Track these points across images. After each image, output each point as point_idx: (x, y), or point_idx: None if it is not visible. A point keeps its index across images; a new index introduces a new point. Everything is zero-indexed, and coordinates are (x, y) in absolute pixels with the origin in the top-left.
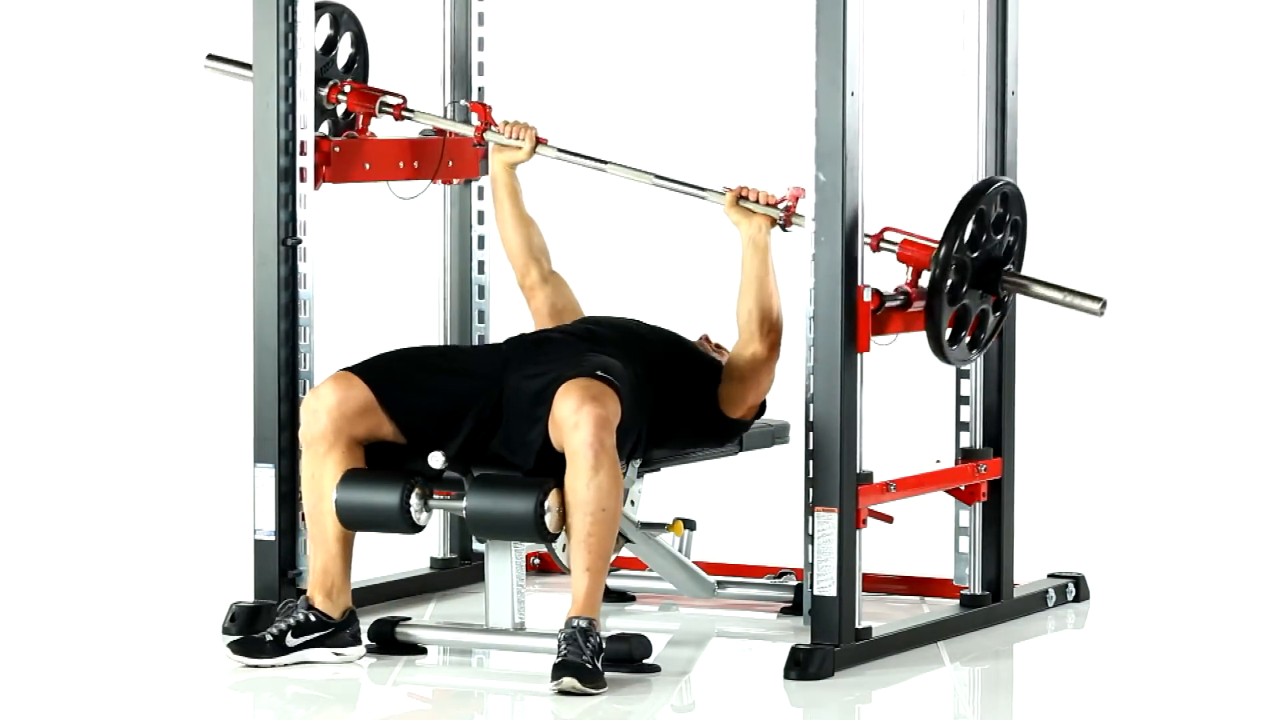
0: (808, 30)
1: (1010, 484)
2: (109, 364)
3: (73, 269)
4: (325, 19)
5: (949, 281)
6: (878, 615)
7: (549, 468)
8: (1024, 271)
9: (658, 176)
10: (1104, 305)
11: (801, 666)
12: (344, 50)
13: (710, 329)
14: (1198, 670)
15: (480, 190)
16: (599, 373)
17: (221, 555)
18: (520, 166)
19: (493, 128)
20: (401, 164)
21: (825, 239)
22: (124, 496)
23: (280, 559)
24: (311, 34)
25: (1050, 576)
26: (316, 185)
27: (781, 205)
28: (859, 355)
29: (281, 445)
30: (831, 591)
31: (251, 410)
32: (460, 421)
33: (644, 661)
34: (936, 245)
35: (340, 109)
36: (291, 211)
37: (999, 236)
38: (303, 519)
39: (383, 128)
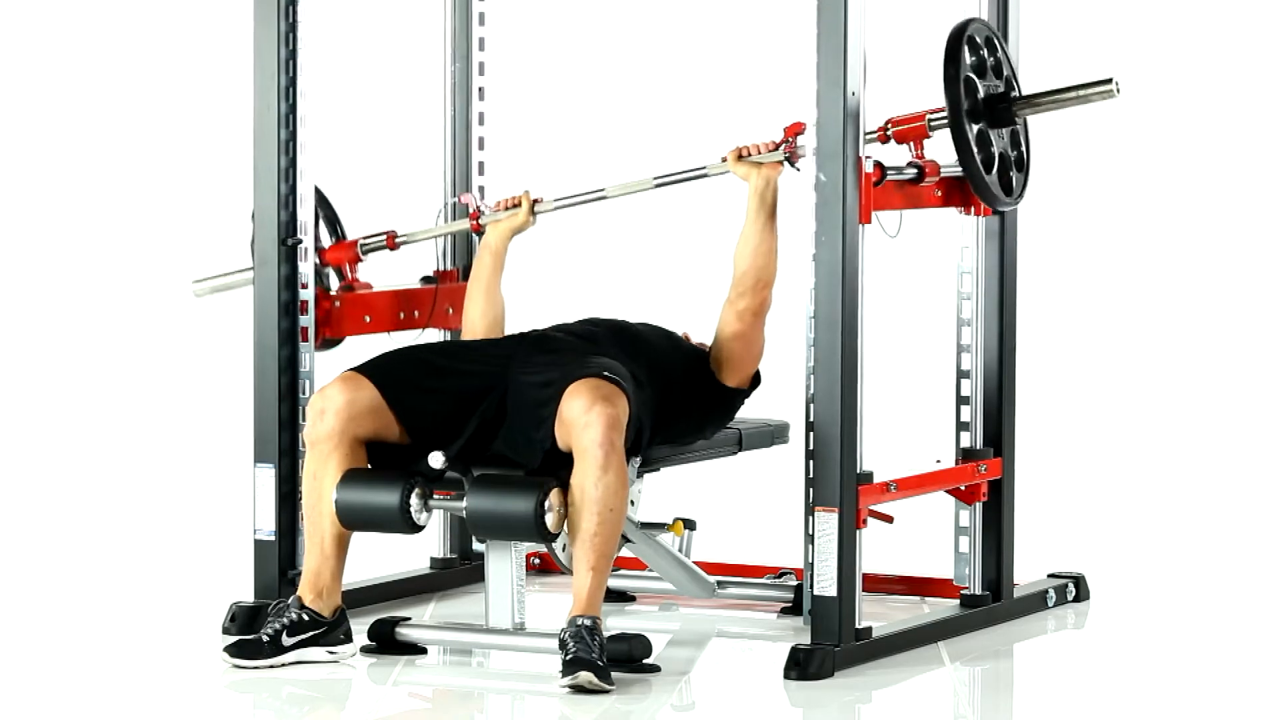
0: (808, 30)
1: (1010, 484)
2: (109, 364)
3: (73, 269)
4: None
5: (972, 134)
6: (878, 615)
7: (553, 467)
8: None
9: (656, 179)
10: (1116, 84)
11: (801, 666)
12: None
13: (693, 328)
14: (1198, 670)
15: (480, 190)
16: (606, 373)
17: (221, 555)
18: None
19: (485, 213)
20: (402, 314)
21: (825, 239)
22: (125, 497)
23: (280, 559)
24: (313, 37)
25: (1050, 576)
26: (318, 344)
27: (783, 146)
28: (861, 226)
29: (281, 445)
30: (831, 591)
31: (251, 410)
32: (464, 421)
33: (644, 661)
34: (925, 115)
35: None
36: (292, 212)
37: (991, 72)
38: (302, 518)
39: (383, 265)
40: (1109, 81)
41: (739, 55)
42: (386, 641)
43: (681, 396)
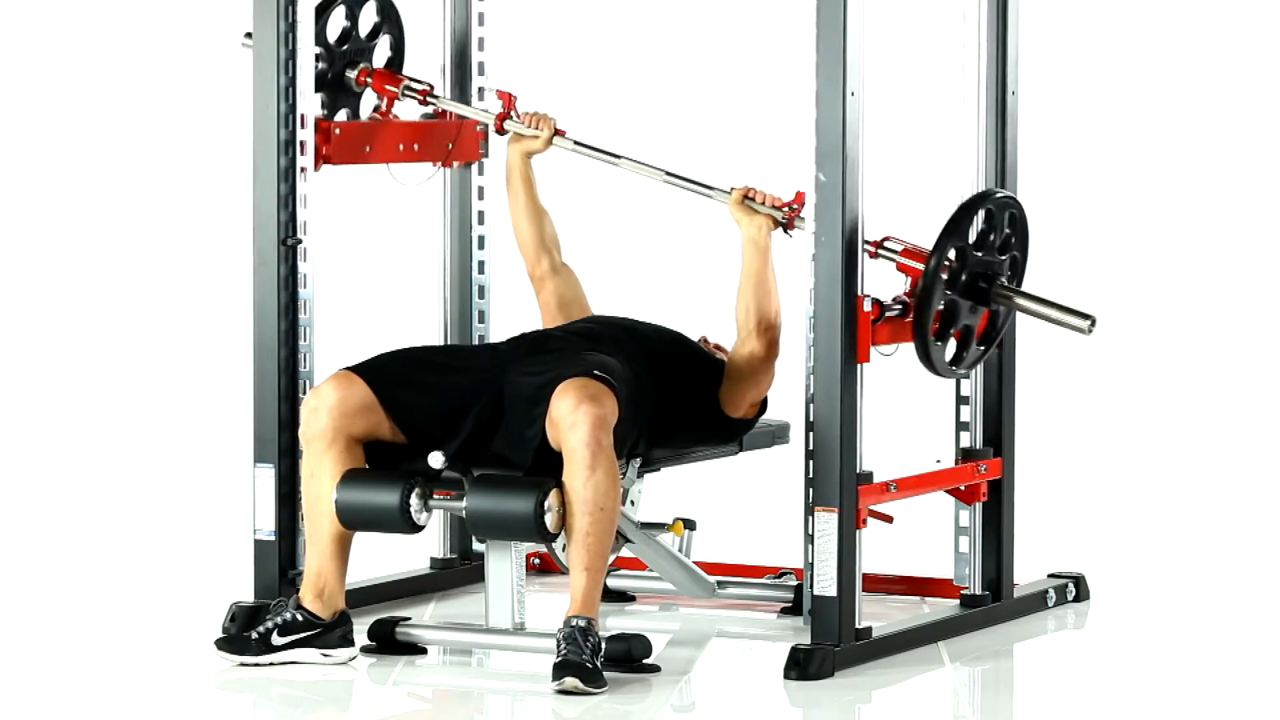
0: (808, 30)
1: (1010, 484)
2: (110, 364)
3: (73, 269)
4: (372, 6)
5: (936, 291)
6: (878, 615)
7: (547, 467)
8: (1021, 287)
9: (668, 173)
10: (1092, 324)
11: (801, 666)
12: (384, 43)
13: (710, 329)
14: (1198, 670)
15: (480, 190)
16: (596, 372)
17: (221, 555)
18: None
19: (513, 116)
20: (401, 146)
21: (825, 239)
22: (124, 496)
23: (280, 559)
24: (312, 9)
25: (1050, 576)
26: (317, 166)
27: (785, 208)
28: (859, 365)
29: (281, 445)
30: (831, 591)
31: (251, 410)
32: (461, 421)
33: (644, 661)
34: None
35: (367, 92)
36: (292, 212)
37: (996, 248)
38: (302, 518)
39: (408, 115)
40: (1089, 318)
41: (739, 55)
42: (386, 641)
43: (682, 406)
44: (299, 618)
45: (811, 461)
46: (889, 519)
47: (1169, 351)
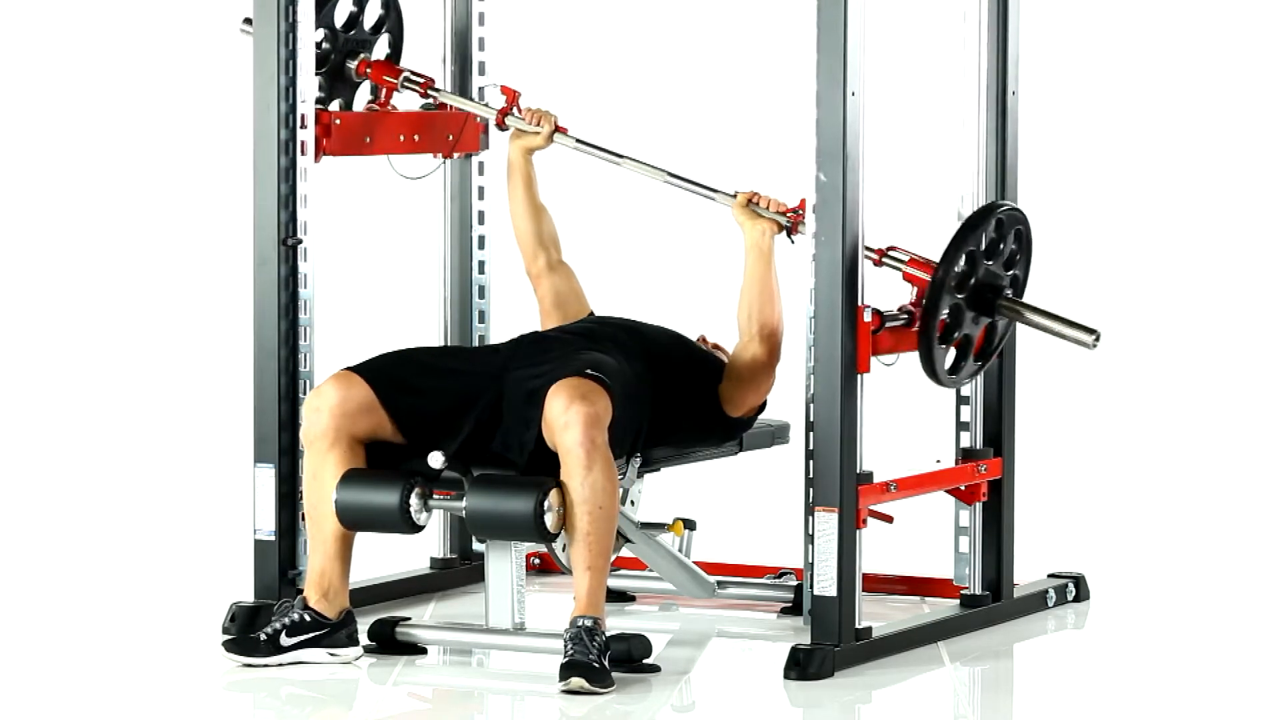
0: (809, 30)
1: (1010, 484)
2: (110, 364)
3: (73, 269)
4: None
5: (945, 294)
6: (878, 615)
7: (544, 468)
8: (1023, 299)
9: (670, 174)
10: (1097, 338)
11: (801, 666)
12: (384, 40)
13: (710, 328)
14: (1198, 670)
15: (480, 190)
16: (589, 371)
17: (221, 555)
18: (535, 154)
19: (515, 112)
20: (402, 137)
21: (825, 239)
22: (124, 496)
23: (280, 559)
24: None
25: (1050, 576)
26: (317, 158)
27: (790, 213)
28: (859, 374)
29: (281, 445)
30: (831, 591)
31: (251, 410)
32: (461, 421)
33: (644, 661)
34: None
35: (366, 83)
36: (292, 212)
37: (1002, 261)
38: (303, 518)
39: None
40: (1093, 332)
41: (739, 55)
42: (386, 641)
43: (683, 405)
44: (307, 618)
45: (811, 461)
46: (889, 519)
47: (1169, 351)
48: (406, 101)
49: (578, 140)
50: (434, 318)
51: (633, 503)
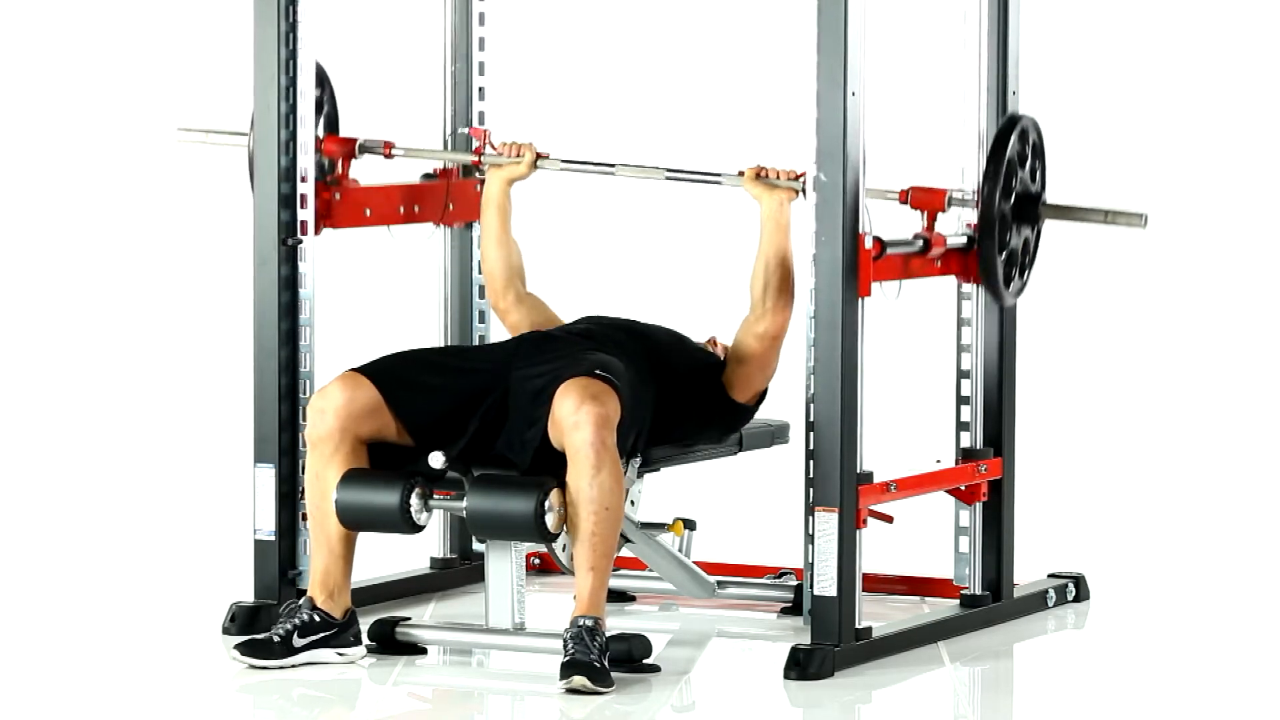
0: (809, 30)
1: (1010, 484)
2: (110, 365)
3: (73, 270)
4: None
5: (1000, 220)
6: (878, 615)
7: (546, 467)
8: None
9: (669, 171)
10: (1146, 219)
11: (801, 666)
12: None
13: (709, 330)
14: (1198, 670)
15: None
16: (598, 371)
17: (221, 555)
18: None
19: (490, 150)
20: (402, 209)
21: (825, 239)
22: (124, 497)
23: (280, 559)
24: (314, 37)
25: (1050, 576)
26: (318, 230)
27: (801, 178)
28: (860, 300)
29: (282, 445)
30: (831, 591)
31: (252, 410)
32: (466, 422)
33: (644, 661)
34: (948, 191)
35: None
36: (292, 212)
37: (1029, 170)
38: (304, 519)
39: (379, 171)
40: (1141, 215)
41: (740, 55)
42: (386, 641)
43: (685, 400)
44: (316, 618)
45: (811, 461)
46: (889, 519)
47: (1169, 351)
48: (409, 170)
49: (564, 161)
50: (434, 318)
51: (633, 503)
